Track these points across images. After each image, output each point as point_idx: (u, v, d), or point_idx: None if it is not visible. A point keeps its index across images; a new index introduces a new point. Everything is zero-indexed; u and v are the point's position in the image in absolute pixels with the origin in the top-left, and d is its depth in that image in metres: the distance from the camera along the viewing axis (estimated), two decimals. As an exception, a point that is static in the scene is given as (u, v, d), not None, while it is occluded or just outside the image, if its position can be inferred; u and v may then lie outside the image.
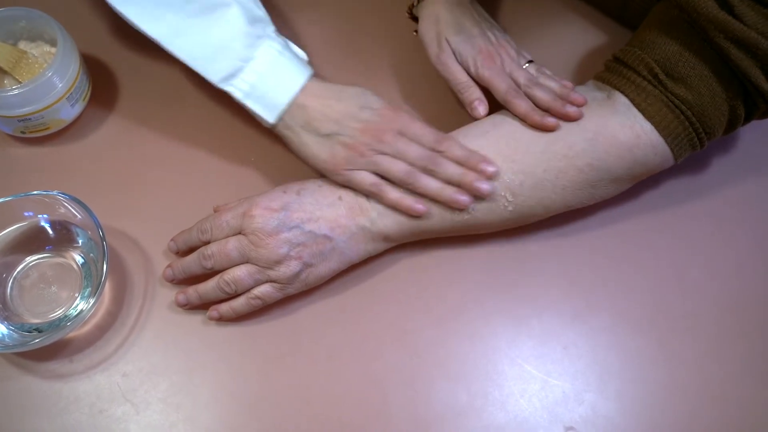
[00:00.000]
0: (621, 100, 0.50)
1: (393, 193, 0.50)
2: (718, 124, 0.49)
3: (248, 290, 0.50)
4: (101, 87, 0.60)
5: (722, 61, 0.47)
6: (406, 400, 0.50)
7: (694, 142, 0.50)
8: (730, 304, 0.54)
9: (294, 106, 0.50)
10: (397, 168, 0.49)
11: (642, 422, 0.50)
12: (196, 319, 0.52)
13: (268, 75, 0.50)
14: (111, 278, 0.53)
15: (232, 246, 0.49)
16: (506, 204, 0.50)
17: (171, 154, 0.58)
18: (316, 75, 0.52)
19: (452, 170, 0.50)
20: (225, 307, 0.51)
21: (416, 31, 0.59)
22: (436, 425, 0.49)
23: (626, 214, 0.57)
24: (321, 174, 0.52)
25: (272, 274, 0.49)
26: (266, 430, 0.49)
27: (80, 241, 0.53)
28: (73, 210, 0.51)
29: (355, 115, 0.50)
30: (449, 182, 0.50)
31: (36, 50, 0.57)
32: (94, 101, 0.59)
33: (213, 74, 0.50)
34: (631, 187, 0.54)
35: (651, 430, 0.50)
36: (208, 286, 0.50)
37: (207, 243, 0.51)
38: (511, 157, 0.50)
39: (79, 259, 0.53)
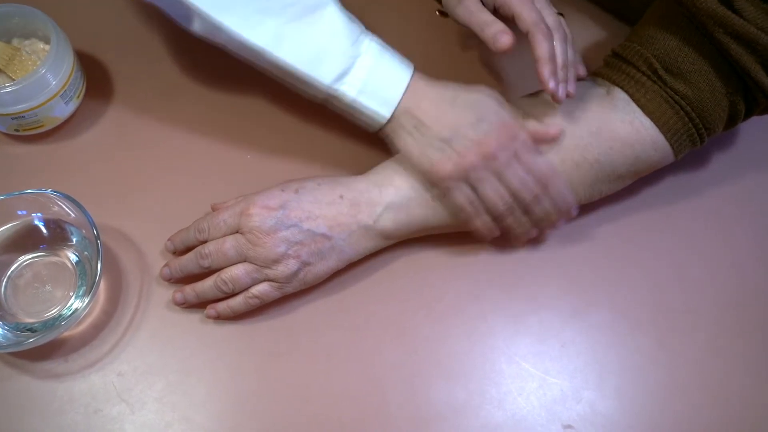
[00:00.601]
0: (620, 95, 0.50)
1: (481, 220, 0.50)
2: (718, 119, 0.49)
3: (246, 289, 0.50)
4: (96, 84, 0.60)
5: (722, 56, 0.47)
6: (404, 399, 0.50)
7: (694, 137, 0.50)
8: (729, 301, 0.54)
9: (406, 104, 0.49)
10: (498, 198, 0.48)
11: (641, 420, 0.50)
12: (193, 318, 0.52)
13: (376, 70, 0.48)
14: (106, 277, 0.53)
15: (230, 245, 0.49)
16: None
17: (167, 152, 0.57)
18: (421, 71, 0.50)
19: (545, 210, 0.50)
20: (223, 306, 0.50)
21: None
22: (434, 424, 0.49)
23: (625, 211, 0.56)
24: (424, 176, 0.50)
25: (270, 273, 0.49)
26: (264, 429, 0.49)
27: (74, 240, 0.52)
28: (66, 208, 0.51)
29: (470, 127, 0.47)
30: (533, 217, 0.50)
31: (30, 47, 0.57)
32: (89, 99, 0.59)
33: (324, 76, 0.48)
34: (631, 184, 0.54)
35: (650, 428, 0.50)
36: (206, 285, 0.50)
37: (204, 242, 0.50)
38: None
39: (74, 258, 0.52)
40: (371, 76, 0.48)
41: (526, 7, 0.48)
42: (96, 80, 0.60)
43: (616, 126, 0.49)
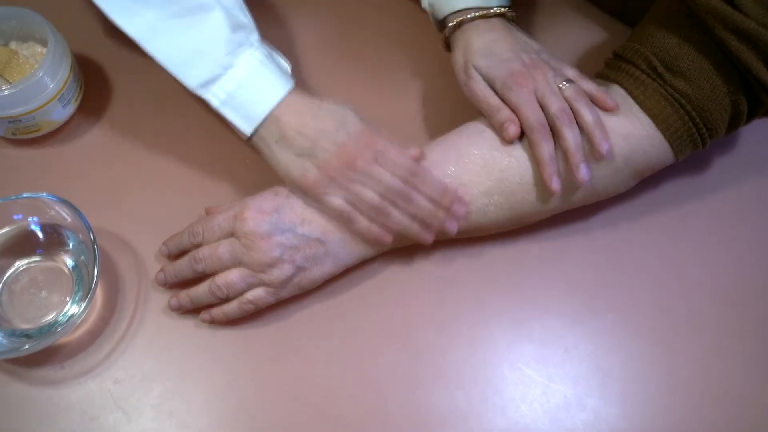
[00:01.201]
0: (618, 92, 0.49)
1: (362, 222, 0.49)
2: (720, 119, 0.48)
3: (241, 294, 0.49)
4: (94, 88, 0.59)
5: (723, 53, 0.46)
6: (405, 406, 0.49)
7: (695, 138, 0.49)
8: (733, 306, 0.53)
9: (270, 119, 0.48)
10: (367, 197, 0.48)
11: (645, 427, 0.49)
12: (190, 324, 0.51)
13: (247, 84, 0.48)
14: (103, 282, 0.52)
15: (224, 249, 0.48)
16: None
17: (164, 156, 0.57)
18: (298, 87, 0.50)
19: (423, 206, 0.48)
20: (217, 311, 0.50)
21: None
22: (435, 431, 0.48)
23: (628, 216, 0.56)
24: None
25: (265, 277, 0.48)
26: (262, 437, 0.48)
27: (71, 245, 0.52)
28: (62, 213, 0.50)
29: (330, 136, 0.48)
30: (418, 216, 0.49)
31: (27, 51, 0.57)
32: (87, 102, 0.59)
33: (190, 79, 0.48)
34: (633, 188, 0.53)
35: (655, 436, 0.49)
36: (200, 291, 0.49)
37: (199, 246, 0.50)
38: (512, 154, 0.49)
39: (70, 263, 0.52)
40: (239, 90, 0.48)
41: (524, 107, 0.48)
42: (94, 83, 0.60)
43: (610, 120, 0.49)
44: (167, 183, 0.56)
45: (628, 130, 0.48)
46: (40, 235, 0.52)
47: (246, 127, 0.48)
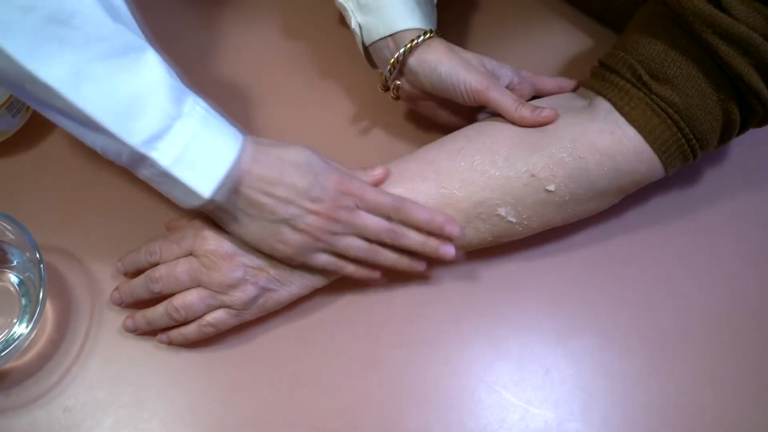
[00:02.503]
0: (602, 104, 0.47)
1: (349, 268, 0.47)
2: (711, 129, 0.46)
3: (200, 316, 0.46)
4: (47, 96, 0.56)
5: (712, 59, 0.44)
6: (376, 432, 0.47)
7: (685, 149, 0.47)
8: (722, 323, 0.51)
9: (233, 178, 0.42)
10: (356, 247, 0.46)
11: (630, 453, 0.47)
12: (147, 345, 0.49)
13: (200, 136, 0.40)
14: (54, 303, 0.49)
15: (182, 268, 0.46)
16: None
17: (121, 168, 0.54)
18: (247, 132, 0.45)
19: (413, 240, 0.46)
20: (175, 334, 0.47)
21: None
22: (408, 460, 0.46)
23: (612, 230, 0.54)
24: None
25: (226, 299, 0.45)
26: (222, 468, 0.45)
27: (15, 261, 0.49)
28: (6, 229, 0.47)
29: (304, 195, 0.43)
30: (411, 251, 0.47)
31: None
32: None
33: (133, 134, 0.38)
34: (618, 202, 0.51)
35: (640, 462, 0.47)
36: (157, 312, 0.47)
37: (156, 265, 0.47)
38: (488, 172, 0.47)
39: (15, 280, 0.49)
40: (193, 144, 0.40)
41: (504, 98, 0.48)
42: (48, 91, 0.56)
43: (594, 137, 0.46)
44: (124, 197, 0.53)
45: (615, 149, 0.46)
46: (-18, 252, 0.49)
47: (205, 188, 0.41)
